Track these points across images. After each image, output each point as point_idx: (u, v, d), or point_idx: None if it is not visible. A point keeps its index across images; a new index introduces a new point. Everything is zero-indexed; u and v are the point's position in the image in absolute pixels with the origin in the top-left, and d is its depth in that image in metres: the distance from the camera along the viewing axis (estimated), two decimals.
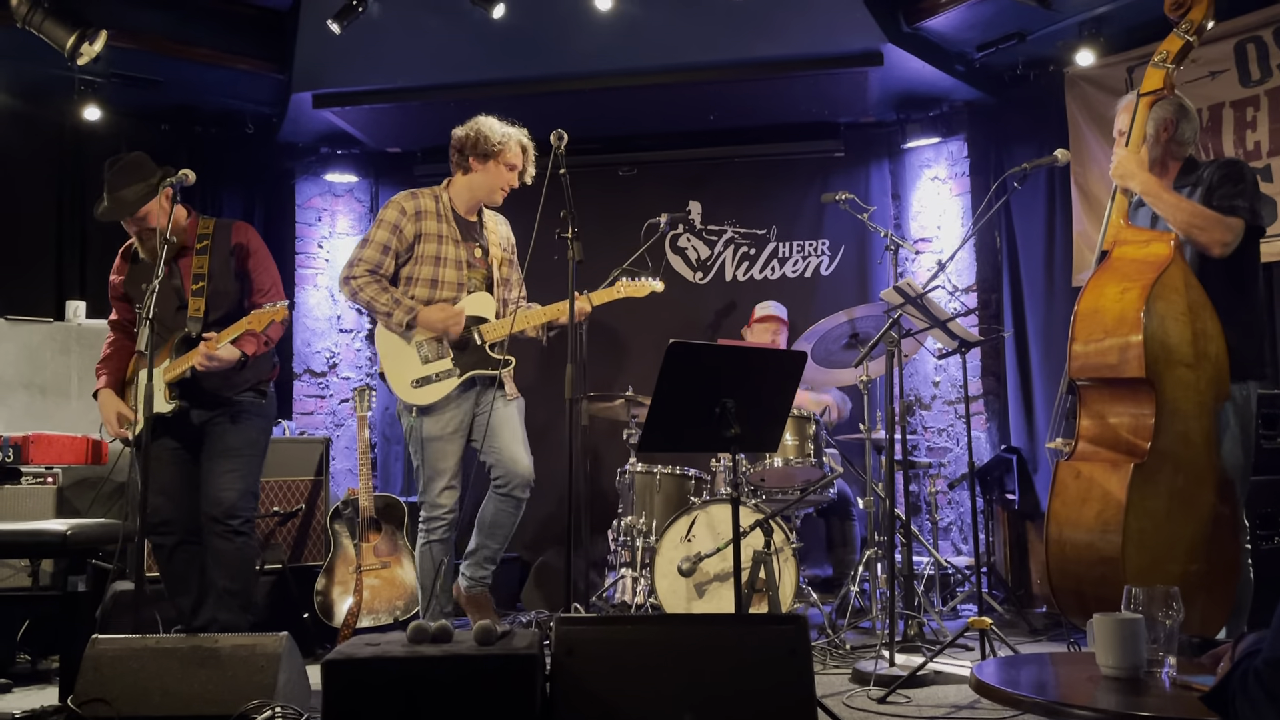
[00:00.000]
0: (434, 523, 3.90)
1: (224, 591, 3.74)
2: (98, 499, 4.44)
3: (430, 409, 3.89)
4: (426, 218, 3.98)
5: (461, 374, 3.90)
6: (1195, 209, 3.02)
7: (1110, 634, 1.98)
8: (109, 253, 5.89)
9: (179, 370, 3.70)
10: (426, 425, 3.89)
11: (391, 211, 3.99)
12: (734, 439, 2.94)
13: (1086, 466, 2.94)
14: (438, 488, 3.89)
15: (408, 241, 3.96)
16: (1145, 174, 3.11)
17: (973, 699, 3.29)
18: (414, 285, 3.95)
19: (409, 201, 4.01)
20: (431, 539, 3.91)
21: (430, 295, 3.94)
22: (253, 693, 2.64)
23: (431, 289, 3.95)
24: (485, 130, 4.01)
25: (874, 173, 6.35)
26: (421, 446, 3.90)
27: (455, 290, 3.98)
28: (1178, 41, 3.11)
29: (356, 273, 3.93)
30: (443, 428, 3.89)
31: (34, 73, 5.46)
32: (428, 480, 3.90)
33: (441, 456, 3.89)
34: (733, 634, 2.50)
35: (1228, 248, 2.99)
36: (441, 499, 3.89)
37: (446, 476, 3.90)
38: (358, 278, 3.92)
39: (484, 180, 4.05)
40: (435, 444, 3.89)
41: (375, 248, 3.95)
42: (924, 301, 4.09)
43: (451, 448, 3.91)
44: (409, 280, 3.96)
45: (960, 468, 5.89)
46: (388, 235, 3.95)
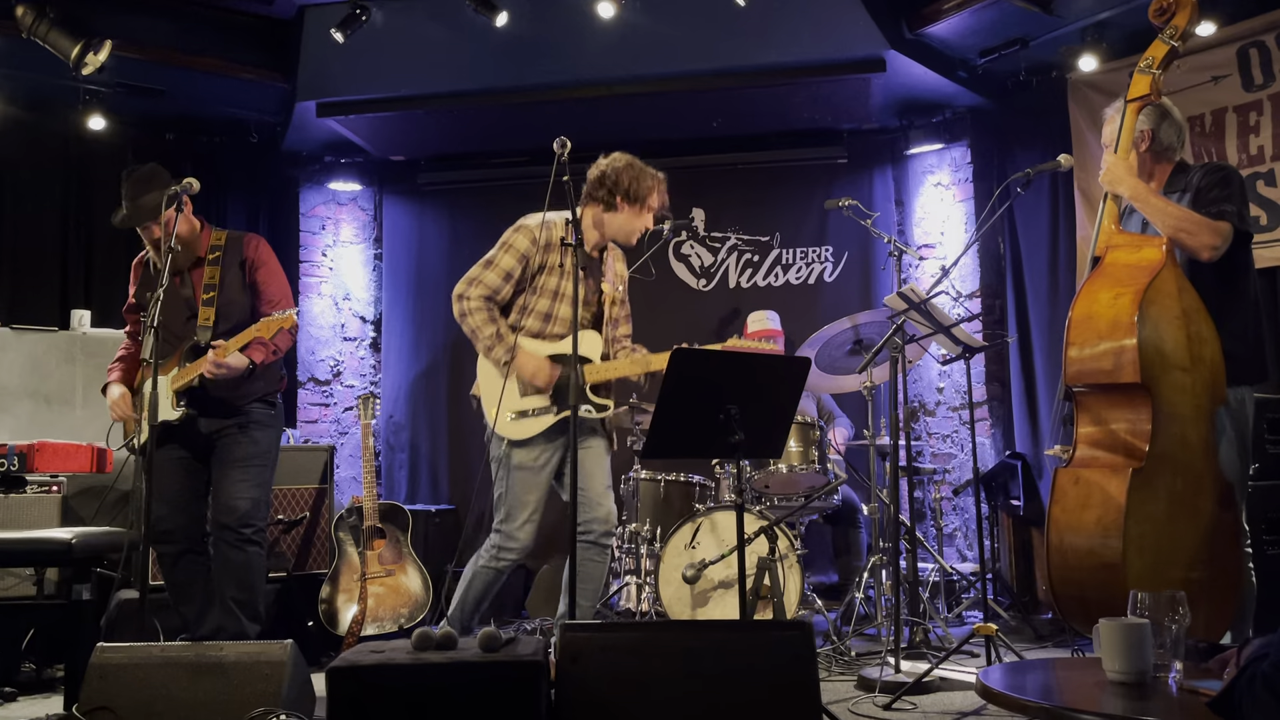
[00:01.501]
0: (506, 553, 3.72)
1: (232, 601, 3.74)
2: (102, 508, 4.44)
3: (523, 441, 3.73)
4: (554, 250, 3.77)
5: (558, 412, 3.71)
6: (1182, 213, 3.02)
7: (1116, 639, 1.97)
8: (114, 262, 5.96)
9: (187, 379, 3.70)
10: (517, 455, 3.72)
11: (523, 240, 3.76)
12: (738, 445, 2.94)
13: (1085, 472, 2.93)
14: (520, 519, 3.71)
15: (532, 271, 3.77)
16: (1133, 179, 3.11)
17: (979, 705, 3.28)
18: (527, 315, 3.76)
19: (542, 231, 3.77)
20: (496, 566, 3.74)
21: (542, 329, 3.76)
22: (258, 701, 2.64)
23: (544, 322, 3.77)
24: (640, 173, 3.84)
25: (877, 179, 6.36)
26: (508, 474, 3.73)
27: (567, 327, 3.75)
28: (1163, 47, 3.12)
29: (472, 295, 3.73)
30: (534, 459, 3.73)
31: (39, 83, 5.48)
32: (510, 509, 3.72)
33: (528, 489, 3.72)
34: (738, 640, 2.50)
35: (1216, 251, 2.99)
36: (521, 533, 3.71)
37: (529, 509, 3.72)
38: (471, 299, 3.73)
39: (625, 221, 3.86)
40: (523, 474, 3.72)
41: (498, 274, 3.74)
42: (928, 307, 4.09)
43: (539, 480, 3.74)
44: (523, 310, 3.77)
45: (965, 474, 5.88)
46: (514, 264, 3.74)
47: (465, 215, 6.56)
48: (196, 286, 3.86)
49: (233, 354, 3.64)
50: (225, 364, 3.62)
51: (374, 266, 6.84)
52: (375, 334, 6.81)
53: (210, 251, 3.90)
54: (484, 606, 3.83)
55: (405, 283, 6.72)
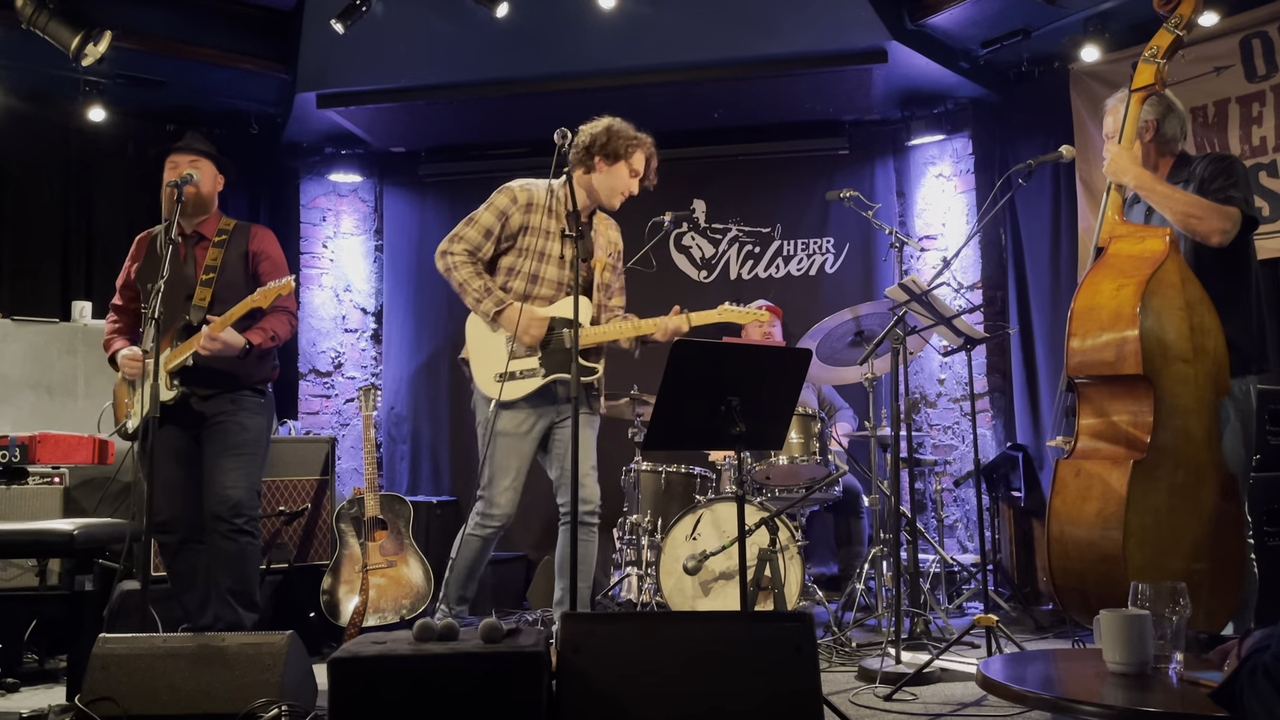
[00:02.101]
0: (489, 520, 3.76)
1: (227, 591, 3.75)
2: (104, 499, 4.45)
3: (509, 404, 3.76)
4: (537, 211, 3.83)
5: (546, 374, 3.75)
6: (1191, 199, 3.02)
7: (1117, 630, 1.97)
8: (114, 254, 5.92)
9: (180, 358, 3.71)
10: (502, 420, 3.75)
11: (503, 198, 3.83)
12: (739, 437, 2.94)
13: (1087, 464, 2.93)
14: (501, 486, 3.75)
15: (512, 231, 3.81)
16: (1138, 169, 3.11)
17: (979, 696, 3.29)
18: (514, 277, 3.82)
19: (522, 191, 3.85)
20: (481, 534, 3.77)
21: (528, 290, 3.81)
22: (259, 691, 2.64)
23: (531, 284, 3.81)
24: (618, 130, 3.87)
25: (879, 170, 6.35)
26: (493, 439, 3.76)
27: (555, 289, 3.84)
28: (1167, 36, 3.11)
29: (455, 249, 3.80)
30: (518, 425, 3.77)
31: (39, 74, 5.47)
32: (492, 475, 3.76)
33: (510, 454, 3.76)
34: (738, 631, 2.50)
35: (1227, 235, 2.98)
36: (501, 499, 3.75)
37: (511, 475, 3.76)
38: (455, 254, 3.79)
39: (606, 182, 3.88)
40: (507, 440, 3.76)
41: (478, 230, 3.81)
42: (929, 299, 4.09)
43: (523, 448, 3.78)
44: (510, 271, 3.83)
45: (966, 465, 5.88)
46: (493, 220, 3.81)
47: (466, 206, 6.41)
48: (198, 266, 3.90)
49: (228, 330, 3.65)
50: (220, 339, 3.63)
51: (375, 258, 6.83)
52: (376, 325, 6.81)
53: (218, 234, 3.95)
54: (476, 575, 3.85)
55: (406, 274, 6.72)
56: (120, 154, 6.06)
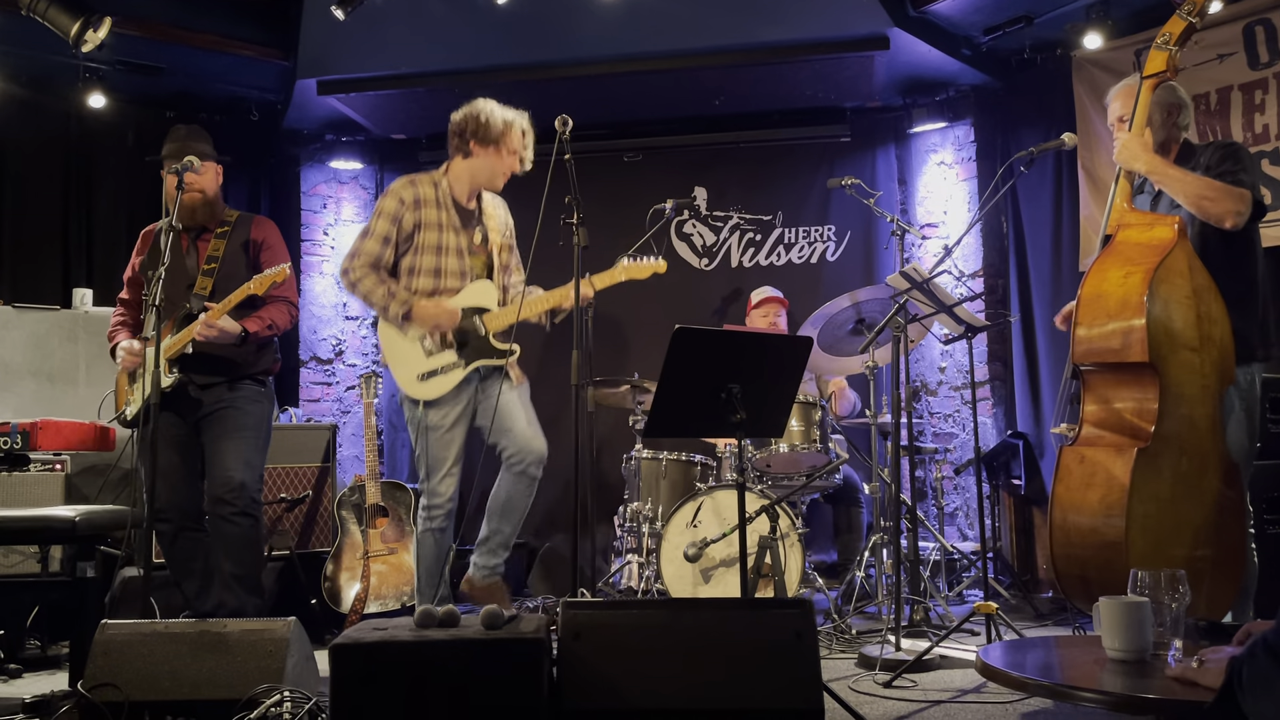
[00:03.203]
0: (434, 510, 3.87)
1: (230, 576, 3.75)
2: (106, 485, 4.45)
3: (434, 402, 3.86)
4: (426, 206, 3.90)
5: (467, 365, 3.86)
6: (1204, 181, 3.02)
7: (1116, 617, 1.98)
8: (115, 241, 5.95)
9: (179, 345, 3.72)
10: (430, 416, 3.86)
11: (390, 202, 3.90)
12: (740, 424, 2.94)
13: (1090, 451, 2.94)
14: (438, 476, 3.86)
15: (407, 231, 3.88)
16: (1150, 155, 3.10)
17: (979, 683, 3.30)
18: (416, 276, 3.88)
19: (407, 190, 3.92)
20: (431, 526, 3.89)
21: (435, 285, 3.88)
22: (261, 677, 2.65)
23: (435, 279, 3.89)
24: (487, 114, 3.92)
25: (880, 158, 6.33)
26: (424, 435, 3.87)
27: (459, 279, 3.92)
28: (1180, 23, 3.10)
29: (354, 265, 3.87)
30: (444, 417, 3.87)
31: (39, 60, 5.45)
32: (429, 469, 3.88)
33: (443, 446, 3.86)
34: (739, 618, 2.51)
35: (1240, 217, 2.98)
36: (441, 487, 3.86)
37: (447, 464, 3.87)
38: (355, 270, 3.86)
39: (485, 165, 3.96)
40: (437, 434, 3.87)
41: (375, 240, 3.87)
42: (930, 287, 4.08)
43: (453, 436, 3.88)
44: (411, 271, 3.89)
45: (966, 453, 5.88)
46: (387, 226, 3.87)
47: None
48: (200, 256, 3.93)
49: (224, 317, 3.66)
50: (217, 325, 3.64)
51: None
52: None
53: (220, 226, 3.98)
54: (442, 572, 3.91)
55: None
56: (121, 141, 6.05)
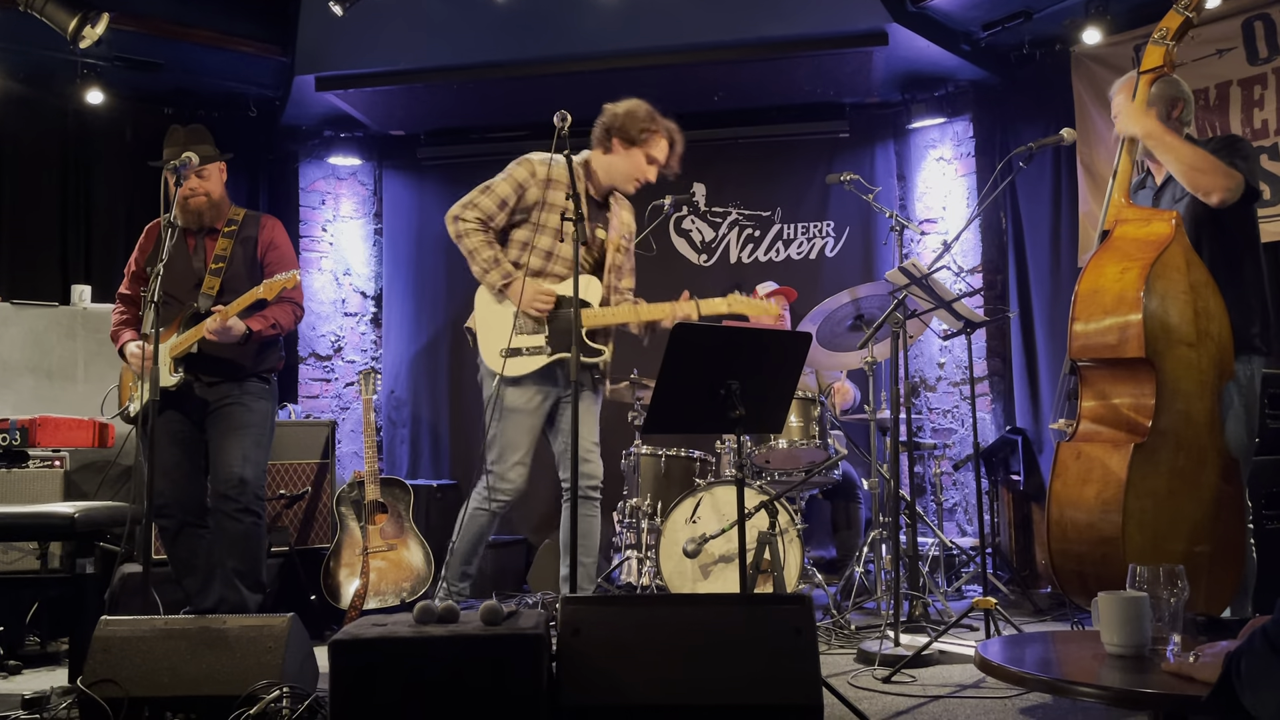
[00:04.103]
0: (499, 494, 3.74)
1: (233, 572, 3.76)
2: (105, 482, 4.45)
3: (516, 380, 3.75)
4: (556, 187, 3.77)
5: (551, 354, 3.73)
6: (1198, 152, 3.01)
7: (1115, 612, 1.98)
8: (114, 237, 5.95)
9: (186, 345, 3.73)
10: (510, 395, 3.74)
11: (522, 170, 3.77)
12: (738, 421, 2.94)
13: (1087, 447, 2.94)
14: (511, 460, 3.73)
15: (528, 204, 3.76)
16: (1148, 120, 3.10)
17: (978, 678, 3.30)
18: (528, 252, 3.76)
19: (542, 165, 3.78)
20: (491, 508, 3.75)
21: (543, 266, 3.77)
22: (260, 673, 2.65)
23: (546, 260, 3.78)
24: (636, 113, 3.80)
25: (879, 153, 6.33)
26: (501, 415, 3.74)
27: (568, 268, 3.75)
28: (1177, 18, 3.10)
29: (467, 216, 3.75)
30: (527, 401, 3.75)
31: (37, 57, 5.45)
32: (502, 450, 3.74)
33: (520, 430, 3.75)
34: (738, 614, 2.51)
35: (1229, 194, 2.97)
36: (512, 474, 3.74)
37: (521, 451, 3.75)
38: (467, 221, 3.74)
39: (621, 165, 3.84)
40: (516, 416, 3.74)
41: (493, 199, 3.75)
42: (929, 282, 4.08)
43: (532, 423, 3.76)
44: (524, 246, 3.78)
45: (965, 449, 5.89)
46: (510, 191, 3.76)
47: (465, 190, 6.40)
48: (207, 255, 3.92)
49: (232, 319, 3.66)
50: (226, 327, 3.64)
51: (374, 241, 6.82)
52: (376, 309, 6.80)
53: (227, 225, 3.97)
54: (479, 552, 3.84)
55: (405, 258, 6.71)
56: (119, 137, 6.04)
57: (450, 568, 3.83)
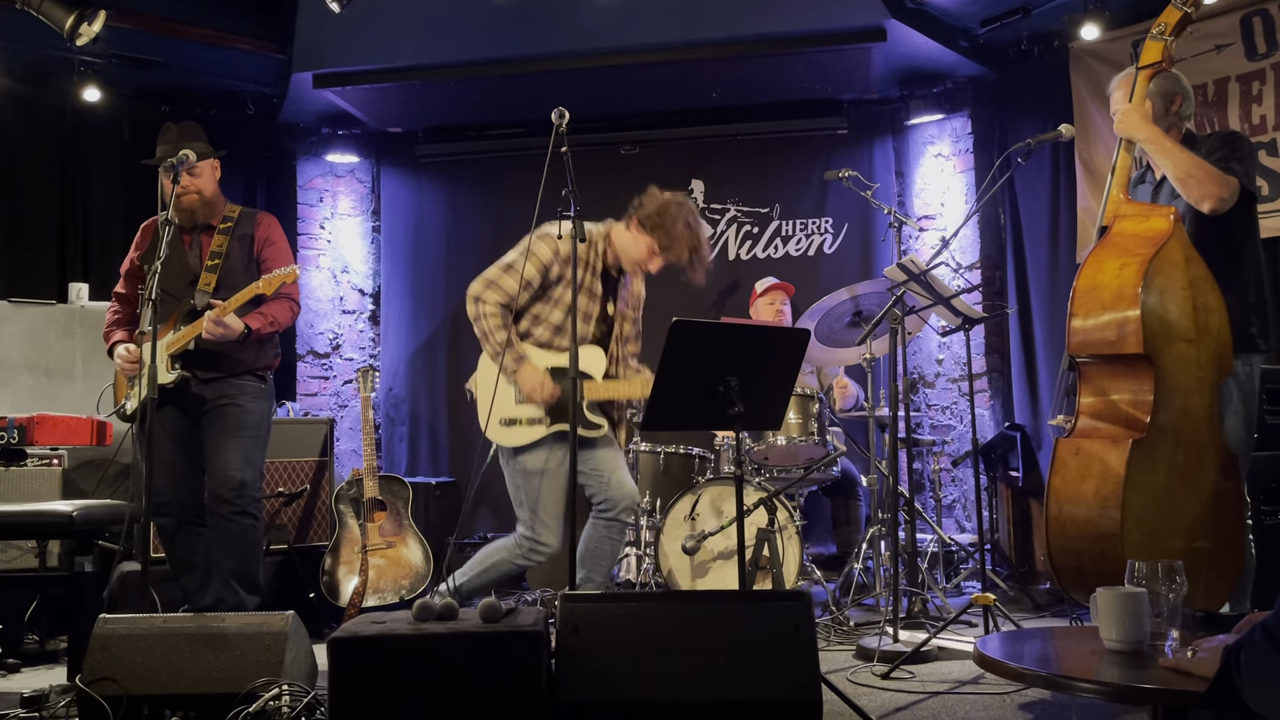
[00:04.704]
0: (536, 555, 3.70)
1: (230, 574, 3.75)
2: (103, 480, 4.45)
3: (524, 448, 3.71)
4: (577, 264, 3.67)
5: (550, 425, 3.69)
6: (1195, 160, 3.01)
7: (1114, 608, 1.98)
8: (111, 235, 5.94)
9: (183, 341, 3.73)
10: (529, 459, 3.70)
11: (546, 250, 3.68)
12: (737, 417, 2.94)
13: (1086, 443, 2.94)
14: (545, 521, 3.68)
15: (550, 281, 3.72)
16: (1149, 124, 3.10)
17: (977, 674, 3.30)
18: (539, 325, 3.74)
19: (565, 244, 3.64)
20: (523, 563, 3.75)
21: (551, 339, 3.74)
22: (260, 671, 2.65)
23: (554, 334, 3.75)
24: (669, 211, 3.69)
25: (877, 150, 6.33)
26: (523, 479, 3.71)
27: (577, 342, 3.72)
28: (1175, 13, 3.10)
29: (488, 299, 3.67)
30: (545, 462, 3.69)
31: (34, 54, 5.45)
32: (531, 509, 3.69)
33: (548, 490, 3.68)
34: (737, 610, 2.51)
35: (1222, 203, 2.98)
36: (545, 534, 3.68)
37: (550, 509, 3.68)
38: (488, 304, 3.67)
39: (629, 245, 3.77)
40: (539, 478, 3.69)
41: (517, 279, 3.66)
42: (927, 278, 4.08)
43: (558, 481, 3.68)
44: (535, 319, 3.75)
45: (964, 445, 5.89)
46: (534, 274, 3.67)
47: (463, 187, 6.54)
48: (203, 252, 3.92)
49: (230, 315, 3.66)
50: (223, 323, 3.64)
51: (372, 239, 6.82)
52: (374, 307, 6.80)
53: (223, 221, 3.97)
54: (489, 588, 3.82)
55: (404, 255, 6.70)
56: (116, 135, 6.04)
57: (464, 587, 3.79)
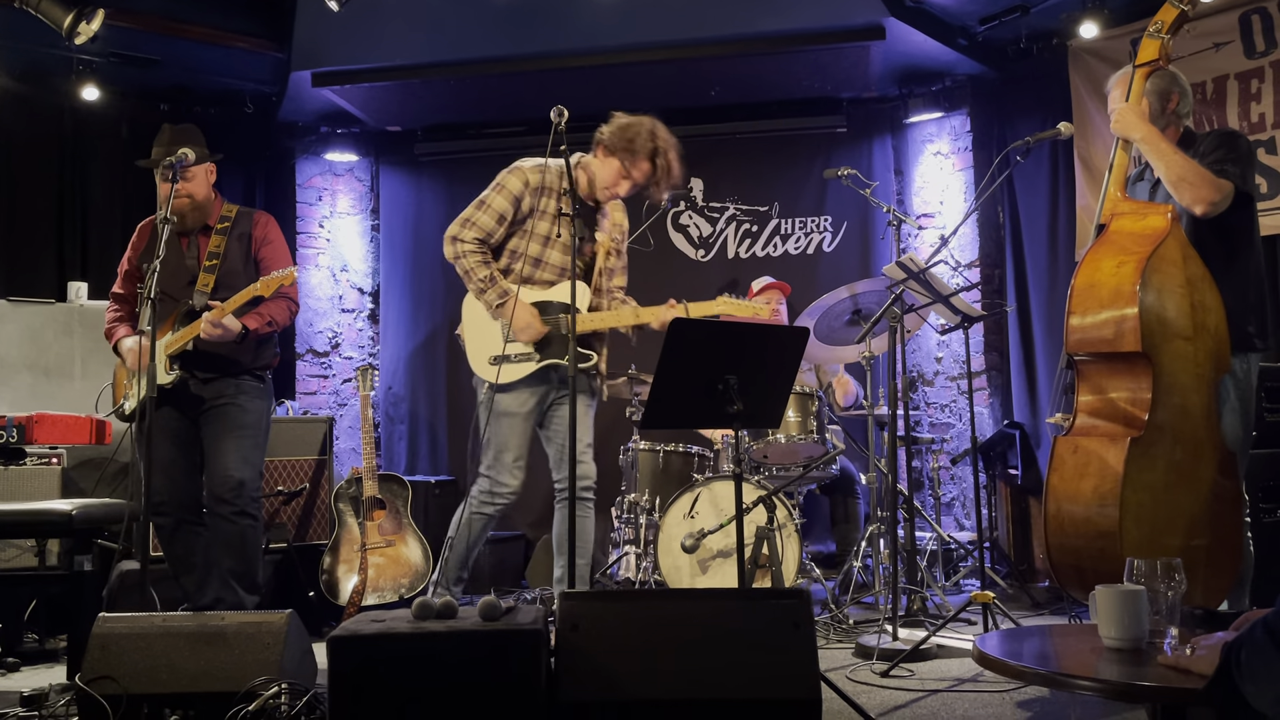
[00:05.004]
0: (496, 498, 3.77)
1: (229, 574, 3.76)
2: (103, 479, 4.44)
3: (507, 386, 3.76)
4: (548, 194, 3.79)
5: (540, 360, 3.76)
6: (1188, 163, 3.01)
7: (1112, 606, 1.98)
8: (110, 234, 5.94)
9: (181, 343, 3.72)
10: (502, 400, 3.76)
11: (516, 181, 3.77)
12: (736, 415, 2.94)
13: (1084, 441, 2.94)
14: (507, 462, 3.75)
15: (523, 214, 3.78)
16: (1145, 124, 3.10)
17: (975, 671, 3.31)
18: (517, 260, 3.79)
19: (534, 173, 3.78)
20: (487, 511, 3.77)
21: (532, 273, 3.79)
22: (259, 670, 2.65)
23: (534, 267, 3.80)
24: (631, 127, 3.76)
25: (876, 148, 6.33)
26: (493, 419, 3.77)
27: (557, 274, 3.83)
28: (1172, 11, 3.09)
29: (465, 236, 3.75)
30: (520, 405, 3.77)
31: (33, 53, 5.44)
32: (496, 453, 3.77)
33: (514, 432, 3.77)
34: (736, 609, 2.51)
35: (1214, 207, 2.97)
36: (508, 476, 3.76)
37: (516, 453, 3.76)
38: (465, 241, 3.74)
39: (599, 172, 3.82)
40: (509, 419, 3.76)
41: (491, 215, 3.76)
42: (926, 277, 4.08)
43: (525, 426, 3.78)
44: (513, 254, 3.80)
45: (963, 443, 5.89)
46: (506, 205, 3.76)
47: (463, 185, 6.50)
48: (201, 253, 3.91)
49: (229, 316, 3.66)
50: (221, 324, 3.64)
51: (371, 237, 6.81)
52: (373, 305, 6.80)
53: (220, 221, 3.96)
54: (474, 555, 3.85)
55: (403, 254, 6.70)
56: (115, 133, 6.03)
57: (446, 571, 3.85)
